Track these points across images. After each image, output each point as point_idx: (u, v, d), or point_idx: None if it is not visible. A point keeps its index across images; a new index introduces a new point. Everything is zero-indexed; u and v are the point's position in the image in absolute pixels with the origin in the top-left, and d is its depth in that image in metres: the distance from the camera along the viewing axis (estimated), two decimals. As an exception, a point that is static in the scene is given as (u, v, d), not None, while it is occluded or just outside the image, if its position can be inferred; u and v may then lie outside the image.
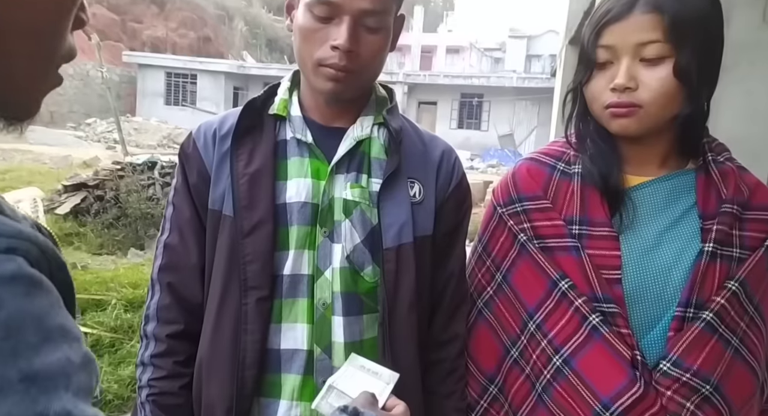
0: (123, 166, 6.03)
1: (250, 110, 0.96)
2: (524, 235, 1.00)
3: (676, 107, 0.90)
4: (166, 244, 0.98)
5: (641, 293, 0.91)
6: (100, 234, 5.34)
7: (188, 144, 0.99)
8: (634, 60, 0.89)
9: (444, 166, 1.02)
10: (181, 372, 0.96)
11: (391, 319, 0.93)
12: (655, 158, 0.98)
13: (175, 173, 1.02)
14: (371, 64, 0.91)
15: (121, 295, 3.74)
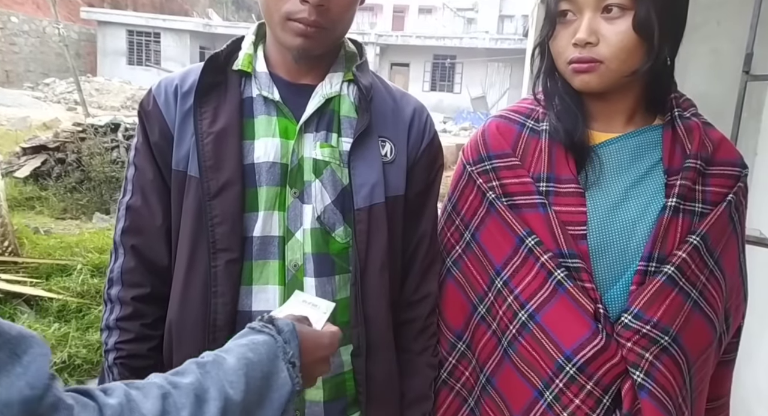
0: (84, 128, 5.82)
1: (213, 66, 0.92)
2: (493, 193, 1.00)
3: (636, 62, 0.90)
4: (128, 206, 0.95)
5: (605, 249, 0.92)
6: (63, 198, 5.19)
7: (148, 101, 0.95)
8: (595, 14, 0.89)
9: (416, 124, 1.00)
10: (149, 335, 0.94)
11: (363, 279, 0.93)
12: (621, 115, 0.98)
13: (136, 132, 0.97)
14: (342, 19, 0.88)
15: (87, 260, 3.67)
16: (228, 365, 0.57)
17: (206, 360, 0.58)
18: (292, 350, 0.64)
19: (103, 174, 5.25)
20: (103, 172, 5.26)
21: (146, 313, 0.94)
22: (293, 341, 0.65)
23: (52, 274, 3.50)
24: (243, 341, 0.63)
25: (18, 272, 3.44)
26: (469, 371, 1.04)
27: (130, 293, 0.94)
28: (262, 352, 0.61)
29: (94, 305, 3.24)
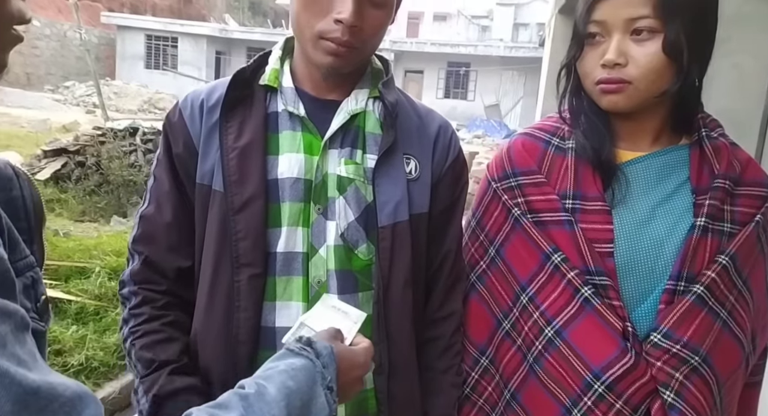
0: (104, 131, 5.90)
1: (239, 81, 0.93)
2: (518, 209, 1.01)
3: (665, 82, 0.90)
4: (142, 215, 0.96)
5: (633, 266, 0.93)
6: (81, 201, 5.26)
7: (174, 114, 0.96)
8: (625, 36, 0.89)
9: (441, 141, 1.00)
10: (160, 314, 0.93)
11: (386, 297, 0.93)
12: (648, 134, 0.99)
13: (160, 143, 0.98)
14: (373, 39, 0.89)
15: (105, 263, 3.70)
16: (270, 396, 0.57)
17: (248, 392, 0.57)
18: (330, 375, 0.64)
19: (121, 178, 5.33)
20: (121, 175, 5.33)
21: (156, 298, 0.94)
22: (331, 365, 0.65)
23: (71, 276, 3.54)
24: (281, 366, 0.62)
25: (38, 274, 3.50)
26: (492, 386, 1.04)
27: (140, 286, 0.94)
28: (301, 379, 0.61)
29: (111, 308, 3.27)
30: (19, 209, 0.54)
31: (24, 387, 0.38)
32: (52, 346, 2.76)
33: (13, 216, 0.52)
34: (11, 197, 0.53)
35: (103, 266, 3.65)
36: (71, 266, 3.65)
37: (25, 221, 0.54)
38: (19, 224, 0.53)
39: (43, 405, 0.39)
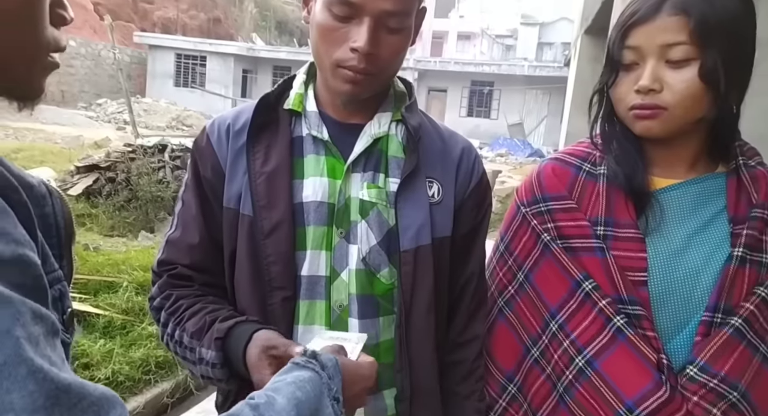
0: (134, 148, 6.03)
1: (265, 106, 0.94)
2: (548, 235, 1.00)
3: (701, 109, 0.89)
4: (168, 239, 0.97)
5: (668, 296, 0.91)
6: (111, 216, 5.37)
7: (202, 139, 0.97)
8: (660, 62, 0.88)
9: (464, 164, 0.99)
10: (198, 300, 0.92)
11: (408, 321, 0.92)
12: (683, 161, 0.97)
13: (188, 168, 0.99)
14: (391, 65, 0.89)
15: (133, 278, 3.77)
16: (280, 406, 0.58)
17: (258, 402, 0.58)
18: (336, 386, 0.65)
19: (149, 193, 5.42)
20: (150, 191, 5.43)
21: (189, 294, 0.93)
22: (337, 376, 0.66)
23: (99, 290, 3.60)
24: (289, 378, 0.63)
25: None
26: (520, 414, 1.03)
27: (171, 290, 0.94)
28: (308, 390, 0.62)
29: (138, 323, 3.31)
30: (51, 225, 0.56)
31: (56, 384, 0.40)
32: (80, 360, 2.81)
33: (44, 232, 0.54)
34: (44, 213, 0.55)
35: (131, 280, 3.71)
36: (100, 280, 3.72)
37: (55, 237, 0.56)
38: (50, 240, 0.55)
39: (74, 402, 0.40)
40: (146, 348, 3.06)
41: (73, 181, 5.70)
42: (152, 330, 3.21)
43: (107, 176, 5.68)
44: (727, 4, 0.87)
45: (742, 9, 0.89)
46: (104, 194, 5.52)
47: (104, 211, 5.40)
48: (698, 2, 0.86)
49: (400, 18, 0.84)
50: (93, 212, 5.38)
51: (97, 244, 4.64)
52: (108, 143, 9.06)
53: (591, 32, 6.10)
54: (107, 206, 5.43)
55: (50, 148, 9.25)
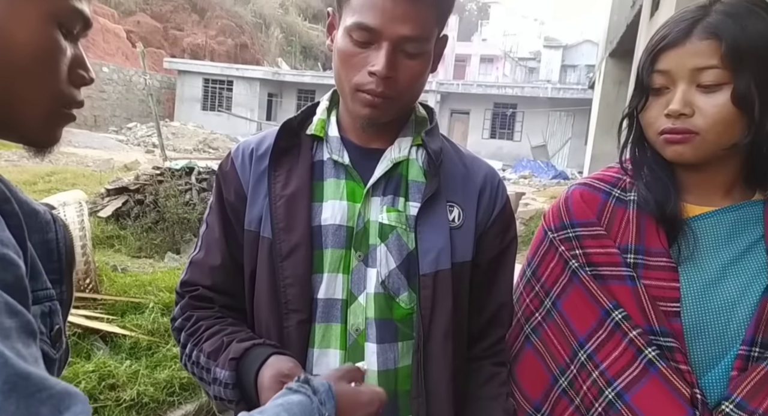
0: (162, 171, 6.16)
1: (287, 131, 0.96)
2: (576, 261, 0.99)
3: (735, 135, 0.87)
4: (192, 260, 0.99)
5: (702, 329, 0.88)
6: (139, 237, 5.46)
7: (227, 163, 0.99)
8: (690, 86, 0.87)
9: (487, 190, 0.99)
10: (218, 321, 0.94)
11: (427, 347, 0.91)
12: (718, 188, 0.95)
13: (213, 191, 1.02)
14: (409, 89, 0.89)
15: (159, 299, 3.81)
16: None
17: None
18: (329, 411, 0.65)
19: (176, 215, 5.51)
20: (177, 213, 5.51)
21: (210, 315, 0.94)
22: (329, 402, 0.66)
23: (126, 311, 3.65)
24: (279, 401, 0.64)
25: (96, 309, 3.62)
26: (549, 445, 1.00)
27: (192, 311, 0.96)
28: (296, 412, 0.61)
29: (163, 344, 3.34)
30: (53, 251, 0.59)
31: (16, 371, 0.41)
32: (107, 380, 2.83)
33: (46, 257, 0.57)
34: (47, 239, 0.58)
35: (157, 301, 3.75)
36: (127, 301, 3.77)
37: (57, 262, 0.59)
38: (51, 264, 0.58)
39: (33, 391, 0.41)
40: (171, 370, 3.08)
41: (103, 203, 5.83)
42: (176, 351, 3.22)
43: (136, 199, 5.80)
44: (759, 27, 0.85)
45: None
46: (132, 216, 5.62)
47: (132, 232, 5.49)
48: (729, 26, 0.84)
49: (418, 43, 0.85)
50: (121, 234, 5.48)
51: (124, 265, 4.72)
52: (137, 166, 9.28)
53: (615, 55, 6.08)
54: (135, 227, 5.53)
55: (82, 171, 9.51)
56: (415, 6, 0.83)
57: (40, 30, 0.56)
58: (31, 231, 0.55)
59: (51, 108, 0.58)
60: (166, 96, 25.84)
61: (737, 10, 0.86)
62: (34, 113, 0.57)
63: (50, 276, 0.57)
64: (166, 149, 8.67)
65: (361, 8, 0.83)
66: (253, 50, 30.53)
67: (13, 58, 0.54)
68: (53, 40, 0.57)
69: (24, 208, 0.55)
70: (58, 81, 0.58)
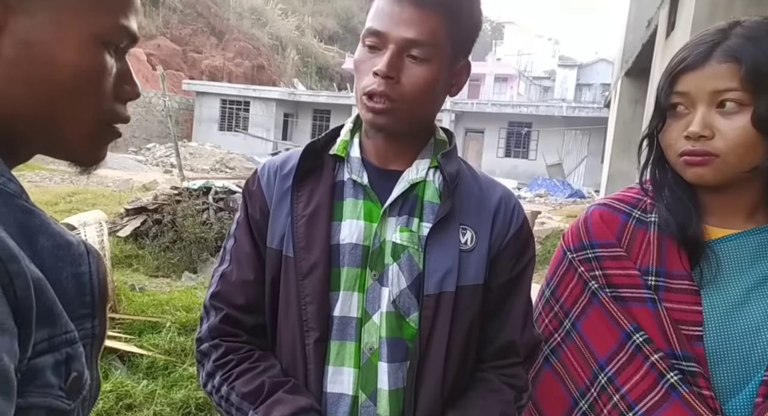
0: (180, 191, 6.25)
1: (311, 152, 0.98)
2: (596, 282, 0.98)
3: (756, 157, 0.87)
4: (223, 273, 0.99)
5: (725, 353, 0.87)
6: (156, 257, 5.52)
7: (253, 181, 1.02)
8: (710, 108, 0.87)
9: (501, 213, 0.98)
10: (248, 356, 0.93)
11: (421, 368, 0.90)
12: (740, 210, 0.93)
13: (240, 207, 1.04)
14: (413, 95, 0.88)
15: (175, 318, 3.83)
16: None
17: None
18: None
19: (193, 235, 5.57)
20: (194, 233, 5.57)
21: (239, 347, 0.94)
22: None
23: (144, 331, 3.68)
24: None
25: (114, 328, 3.65)
26: (570, 471, 0.99)
27: (221, 339, 0.95)
28: None
29: (179, 363, 3.35)
30: (86, 284, 0.57)
31: None
32: (124, 400, 2.84)
33: (77, 290, 0.56)
34: (79, 272, 0.56)
35: (174, 321, 3.78)
36: (145, 320, 3.80)
37: (89, 296, 0.57)
38: (82, 298, 0.56)
39: None
40: (187, 390, 3.08)
41: (122, 223, 5.92)
42: (193, 371, 3.24)
43: (154, 218, 5.88)
44: None
45: None
46: (151, 236, 5.69)
47: (150, 252, 5.56)
48: (749, 48, 0.84)
49: (424, 48, 0.86)
50: (139, 253, 5.55)
51: (142, 284, 4.77)
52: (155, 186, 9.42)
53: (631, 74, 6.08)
54: (153, 247, 5.59)
55: (102, 191, 9.68)
56: (422, 11, 0.86)
57: (85, 51, 0.56)
58: (64, 264, 0.54)
59: (95, 126, 0.59)
60: (184, 117, 26.31)
61: (757, 33, 0.86)
62: (78, 131, 0.58)
63: (81, 311, 0.56)
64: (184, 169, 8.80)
65: (373, 15, 0.89)
66: (270, 71, 31.05)
67: (57, 77, 0.54)
68: (98, 60, 0.57)
69: (56, 240, 0.54)
70: (103, 99, 0.58)
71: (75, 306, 0.55)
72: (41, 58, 0.54)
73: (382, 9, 0.87)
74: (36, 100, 0.55)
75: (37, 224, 0.53)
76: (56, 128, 0.57)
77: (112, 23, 0.58)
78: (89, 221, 4.06)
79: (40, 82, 0.54)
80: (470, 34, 0.94)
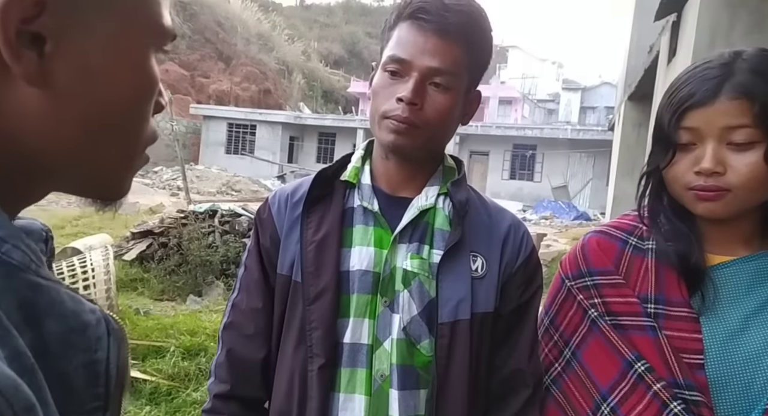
0: (186, 214, 6.28)
1: (321, 179, 1.00)
2: (595, 311, 0.98)
3: (765, 192, 0.87)
4: (234, 303, 1.02)
5: (727, 382, 0.87)
6: (162, 280, 5.52)
7: (264, 209, 1.04)
8: (721, 144, 0.87)
9: (510, 240, 0.99)
10: None
11: (440, 397, 0.90)
12: (738, 238, 0.94)
13: (251, 235, 1.06)
14: (434, 121, 0.91)
15: (180, 342, 3.81)
16: None
17: None
18: None
19: (199, 258, 5.57)
20: (199, 256, 5.57)
21: (222, 411, 0.99)
22: None
23: (147, 355, 3.66)
24: None
25: (118, 353, 3.64)
26: None
27: (215, 389, 1.00)
28: None
29: (183, 389, 3.33)
30: (100, 374, 0.46)
31: None
32: (125, 427, 2.82)
33: (90, 381, 0.46)
34: (94, 359, 0.46)
35: (178, 345, 3.76)
36: (149, 345, 3.79)
37: (103, 387, 0.47)
38: (95, 390, 0.46)
39: None
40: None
41: (128, 246, 5.94)
42: (196, 396, 3.22)
43: (160, 242, 5.90)
44: None
45: None
46: (156, 259, 5.70)
47: (155, 275, 5.56)
48: (759, 84, 0.85)
49: (446, 77, 0.90)
50: (145, 277, 5.55)
51: (147, 308, 4.76)
52: (162, 209, 9.46)
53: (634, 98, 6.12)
54: (158, 270, 5.59)
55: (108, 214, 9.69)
56: (446, 42, 0.89)
57: (144, 67, 0.45)
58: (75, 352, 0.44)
59: (138, 153, 0.49)
60: (191, 141, 26.56)
61: (763, 67, 0.87)
62: (119, 163, 0.48)
63: (91, 404, 0.46)
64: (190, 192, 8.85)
65: (396, 44, 0.92)
66: (276, 95, 31.42)
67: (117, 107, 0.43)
68: (155, 76, 0.46)
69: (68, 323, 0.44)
70: (148, 120, 0.48)
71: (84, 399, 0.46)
72: (104, 88, 0.42)
73: (406, 38, 0.91)
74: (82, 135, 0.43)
75: (46, 303, 0.42)
76: (94, 163, 0.45)
77: (160, 26, 0.46)
78: (95, 244, 4.09)
79: (99, 117, 0.43)
80: (485, 65, 0.98)
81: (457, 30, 0.89)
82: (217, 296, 5.31)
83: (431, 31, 0.89)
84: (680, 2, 2.95)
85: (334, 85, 36.18)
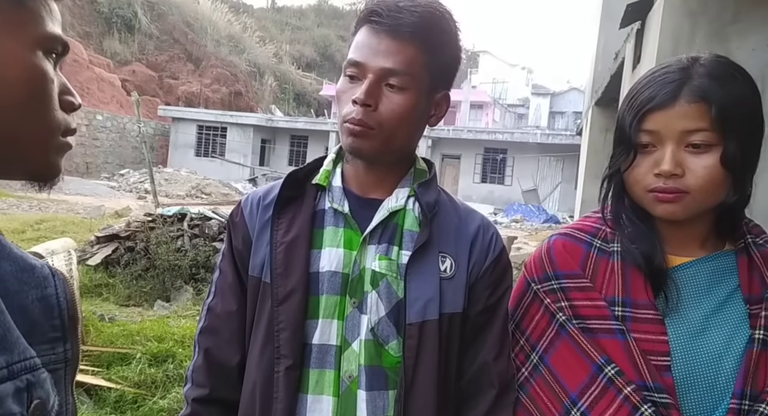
0: (154, 217, 6.14)
1: (293, 181, 1.00)
2: (563, 314, 0.98)
3: (722, 194, 0.90)
4: (209, 307, 1.02)
5: (693, 382, 0.88)
6: (128, 285, 5.38)
7: (237, 212, 1.04)
8: (680, 146, 0.89)
9: (479, 241, 1.00)
10: None
11: (409, 397, 0.90)
12: (695, 239, 0.97)
13: (225, 239, 1.06)
14: (390, 122, 0.91)
15: (146, 349, 3.73)
16: None
17: None
18: None
19: (167, 262, 5.45)
20: (168, 260, 5.46)
21: (202, 415, 0.99)
22: None
23: (112, 363, 3.56)
24: None
25: (82, 361, 3.53)
26: None
27: (192, 394, 0.99)
28: None
29: (149, 396, 3.25)
30: (53, 306, 0.56)
31: None
32: (89, 438, 2.74)
33: (45, 314, 0.55)
34: (45, 294, 0.55)
35: (144, 352, 3.67)
36: (114, 352, 3.68)
37: (58, 319, 0.56)
38: (52, 321, 0.55)
39: None
40: (157, 425, 2.99)
41: (93, 251, 5.78)
42: (163, 404, 3.14)
43: (126, 246, 5.76)
44: (742, 90, 0.89)
45: (754, 94, 0.91)
46: (122, 264, 5.56)
47: (121, 280, 5.42)
48: (716, 89, 0.87)
49: (400, 77, 0.90)
50: (110, 282, 5.41)
51: (112, 314, 4.64)
52: (128, 212, 9.25)
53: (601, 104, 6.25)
54: (125, 275, 5.46)
55: (72, 218, 9.45)
56: (398, 42, 0.90)
57: (29, 61, 0.55)
58: (28, 288, 0.53)
59: (50, 136, 0.58)
60: (159, 143, 26.06)
61: (719, 72, 0.89)
62: (38, 147, 0.57)
63: (51, 334, 0.55)
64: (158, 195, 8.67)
65: (354, 48, 0.93)
66: (247, 98, 31.06)
67: (9, 94, 0.53)
68: (45, 68, 0.56)
69: (19, 264, 0.53)
70: (53, 108, 0.57)
71: (44, 330, 0.54)
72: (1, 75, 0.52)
73: (362, 41, 0.92)
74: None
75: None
76: (15, 147, 0.55)
77: (47, 30, 0.57)
78: (57, 249, 3.95)
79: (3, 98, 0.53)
80: (449, 67, 0.97)
81: (410, 30, 0.89)
82: (186, 301, 5.21)
83: (383, 32, 0.90)
84: (644, 10, 3.03)
85: (306, 88, 35.96)
